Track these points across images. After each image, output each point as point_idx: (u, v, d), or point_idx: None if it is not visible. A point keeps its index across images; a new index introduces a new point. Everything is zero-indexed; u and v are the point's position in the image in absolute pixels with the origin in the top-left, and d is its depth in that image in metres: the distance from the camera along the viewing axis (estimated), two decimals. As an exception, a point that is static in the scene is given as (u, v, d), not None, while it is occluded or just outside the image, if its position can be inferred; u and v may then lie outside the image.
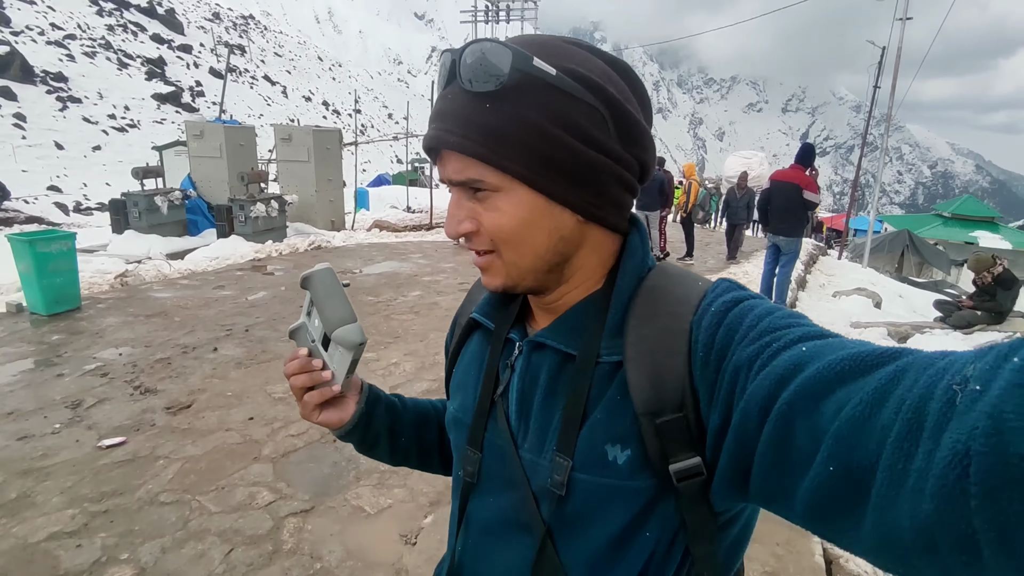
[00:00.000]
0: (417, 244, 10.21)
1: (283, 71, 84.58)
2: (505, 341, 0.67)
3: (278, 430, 3.24)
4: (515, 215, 0.56)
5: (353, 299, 4.56)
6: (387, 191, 18.03)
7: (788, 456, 0.41)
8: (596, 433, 0.56)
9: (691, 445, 0.52)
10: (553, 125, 0.53)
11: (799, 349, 0.44)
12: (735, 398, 0.48)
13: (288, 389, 3.72)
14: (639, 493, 0.54)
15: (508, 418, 0.63)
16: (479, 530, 0.66)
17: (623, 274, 0.60)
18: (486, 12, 25.10)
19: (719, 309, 0.53)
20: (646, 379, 0.54)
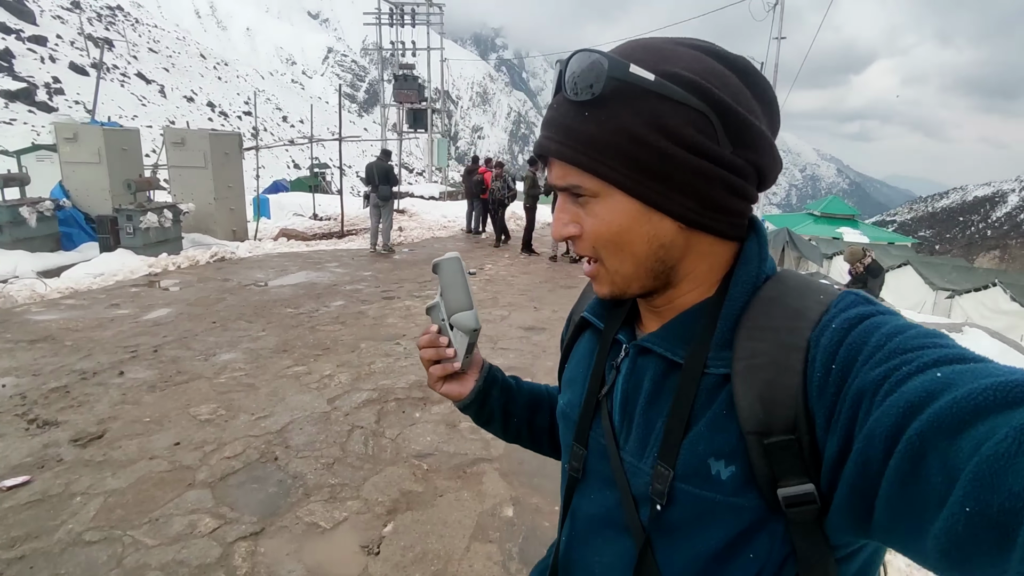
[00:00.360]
0: (331, 252, 9.86)
1: (159, 68, 77.68)
2: (613, 341, 0.67)
3: (211, 453, 3.03)
4: (613, 221, 0.56)
5: (270, 311, 4.39)
6: (288, 198, 17.22)
7: (917, 493, 0.38)
8: (699, 446, 0.54)
9: (804, 470, 0.48)
10: (651, 131, 0.53)
11: (933, 374, 0.41)
12: (857, 425, 0.44)
13: (215, 410, 3.52)
14: (743, 511, 0.52)
15: (612, 419, 0.64)
16: (583, 524, 0.66)
17: (736, 282, 0.57)
18: (390, 15, 24.71)
19: (841, 326, 0.49)
20: (755, 396, 0.51)
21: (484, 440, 3.29)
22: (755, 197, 0.58)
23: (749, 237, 0.60)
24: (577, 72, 0.54)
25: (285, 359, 4.49)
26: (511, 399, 0.86)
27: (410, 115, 24.89)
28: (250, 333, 5.10)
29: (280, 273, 7.84)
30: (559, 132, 0.56)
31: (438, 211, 15.84)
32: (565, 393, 0.74)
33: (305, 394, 3.84)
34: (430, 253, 10.33)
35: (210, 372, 4.15)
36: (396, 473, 2.94)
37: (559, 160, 0.57)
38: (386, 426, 3.44)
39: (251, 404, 3.65)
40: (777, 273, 0.59)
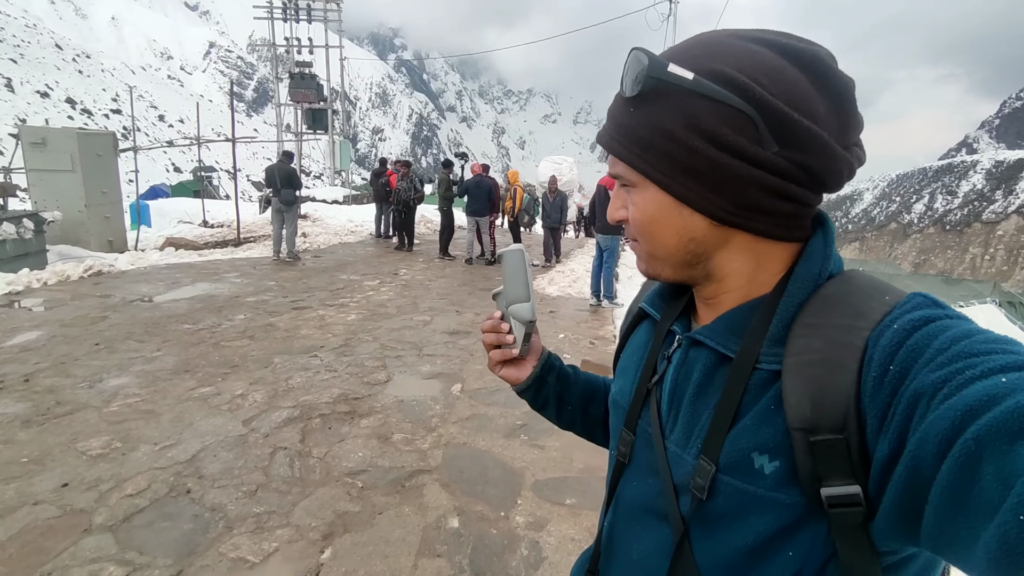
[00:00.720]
0: (229, 262, 9.15)
1: (5, 59, 68.33)
2: (667, 332, 0.69)
3: (108, 492, 2.68)
4: (645, 211, 0.59)
5: (165, 329, 4.01)
6: (170, 204, 15.78)
7: (970, 500, 0.37)
8: (743, 439, 0.54)
9: (850, 471, 0.47)
10: (686, 129, 0.54)
11: (997, 380, 0.39)
12: (911, 427, 0.43)
13: (108, 443, 3.13)
14: (784, 508, 0.51)
15: (659, 408, 0.65)
16: (625, 510, 0.68)
17: (795, 279, 0.56)
18: (283, 9, 23.36)
19: (904, 327, 0.48)
20: (804, 392, 0.50)
21: (420, 451, 3.19)
22: (808, 199, 0.56)
23: (815, 235, 0.59)
24: (626, 70, 0.57)
25: (188, 380, 4.08)
26: (566, 387, 0.88)
27: (308, 115, 23.70)
28: (143, 354, 4.59)
29: (171, 286, 7.14)
30: (610, 124, 0.61)
31: (344, 215, 15.23)
32: (617, 381, 0.76)
33: (216, 417, 3.51)
34: (338, 259, 9.91)
35: (98, 400, 3.68)
36: (328, 494, 2.77)
37: (608, 150, 0.62)
38: (312, 445, 3.23)
39: (153, 433, 3.28)
40: (844, 272, 0.58)
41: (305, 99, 23.05)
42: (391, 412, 3.70)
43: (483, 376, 4.43)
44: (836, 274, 0.57)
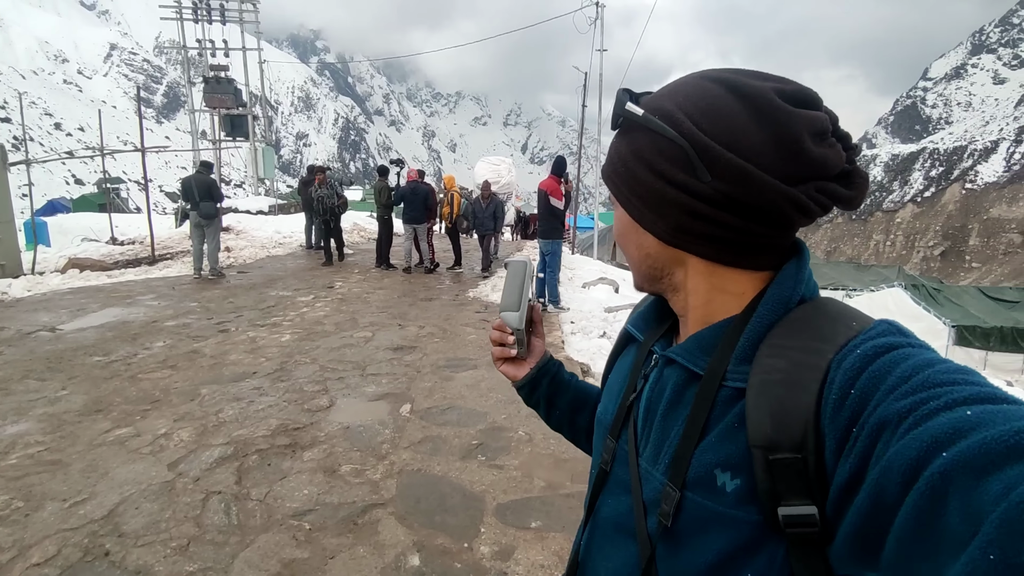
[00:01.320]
0: (143, 283, 8.43)
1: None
2: (649, 352, 0.71)
3: (10, 563, 2.31)
4: (617, 227, 0.70)
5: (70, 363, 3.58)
6: (72, 220, 14.41)
7: (933, 533, 0.37)
8: (708, 455, 0.56)
9: (807, 492, 0.48)
10: (634, 158, 0.62)
11: (962, 412, 0.39)
12: (874, 455, 0.43)
13: (7, 504, 2.73)
14: (744, 526, 0.52)
15: (635, 425, 0.67)
16: (600, 527, 0.70)
17: (765, 301, 0.59)
18: (194, 10, 21.92)
19: (867, 352, 0.49)
20: (765, 411, 0.51)
21: (371, 483, 2.99)
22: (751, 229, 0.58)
23: (789, 261, 0.61)
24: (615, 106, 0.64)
25: (101, 421, 3.66)
26: (557, 393, 0.92)
27: (226, 122, 22.40)
28: (45, 394, 4.08)
29: (76, 314, 6.47)
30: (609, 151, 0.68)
31: (270, 226, 14.50)
32: (603, 400, 0.79)
33: (136, 463, 3.14)
34: (267, 274, 9.38)
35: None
36: (272, 541, 2.52)
37: None
38: (250, 485, 2.95)
39: (61, 487, 2.88)
40: (816, 298, 0.60)
41: (222, 104, 21.72)
42: (336, 441, 3.46)
43: (432, 394, 4.25)
44: (809, 299, 0.60)
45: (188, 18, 21.97)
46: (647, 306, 0.77)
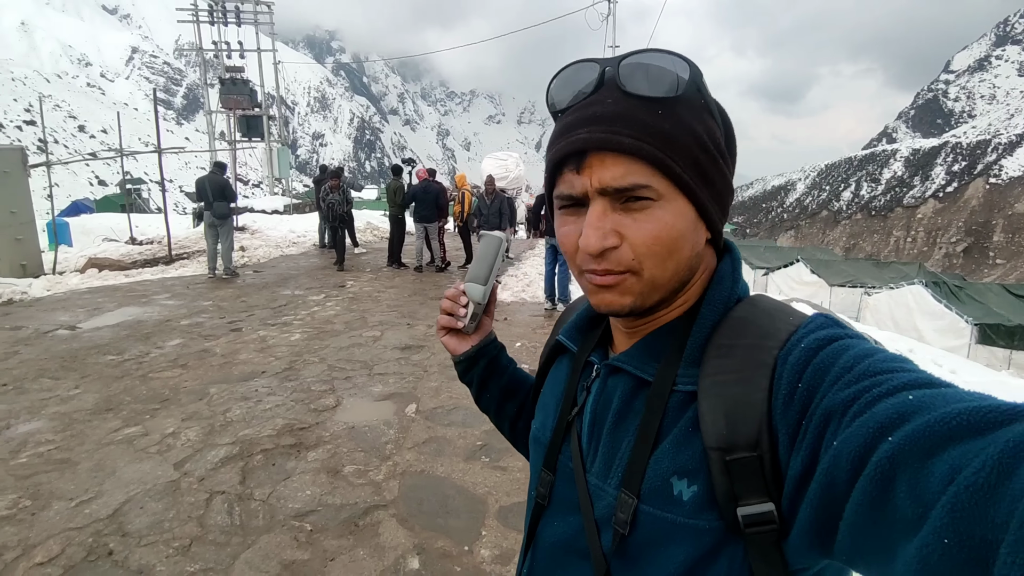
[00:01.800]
0: (159, 282, 8.55)
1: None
2: (586, 363, 0.67)
3: (14, 562, 2.33)
4: (674, 226, 0.54)
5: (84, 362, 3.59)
6: (94, 221, 14.66)
7: (884, 516, 0.38)
8: (663, 463, 0.54)
9: (764, 489, 0.48)
10: (710, 139, 0.55)
11: (904, 397, 0.40)
12: (823, 445, 0.44)
13: (15, 502, 2.76)
14: (704, 534, 0.51)
15: (580, 441, 0.63)
16: (545, 553, 0.66)
17: (708, 301, 0.58)
18: (210, 12, 22.19)
19: (810, 346, 0.50)
20: (719, 412, 0.51)
21: (374, 484, 2.97)
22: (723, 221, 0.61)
23: (724, 260, 0.62)
24: (657, 69, 0.54)
25: (111, 420, 3.70)
26: (493, 376, 0.89)
27: (242, 123, 22.64)
28: (57, 393, 4.14)
29: (93, 313, 6.57)
30: (630, 126, 0.52)
31: (285, 226, 14.61)
32: (538, 417, 0.73)
33: (143, 462, 3.17)
34: (280, 274, 9.45)
35: (3, 451, 3.26)
36: (273, 542, 2.52)
37: (629, 156, 0.53)
38: (254, 486, 2.95)
39: (68, 486, 2.91)
40: (751, 296, 0.61)
41: (237, 105, 21.98)
42: (341, 441, 3.45)
43: (439, 394, 4.23)
44: (743, 297, 0.60)
45: (204, 20, 22.24)
46: (579, 316, 0.72)
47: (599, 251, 0.54)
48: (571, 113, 0.56)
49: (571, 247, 0.57)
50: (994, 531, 0.31)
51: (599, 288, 0.57)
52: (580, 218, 0.56)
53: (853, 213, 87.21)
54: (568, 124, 0.56)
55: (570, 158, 0.55)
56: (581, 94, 0.56)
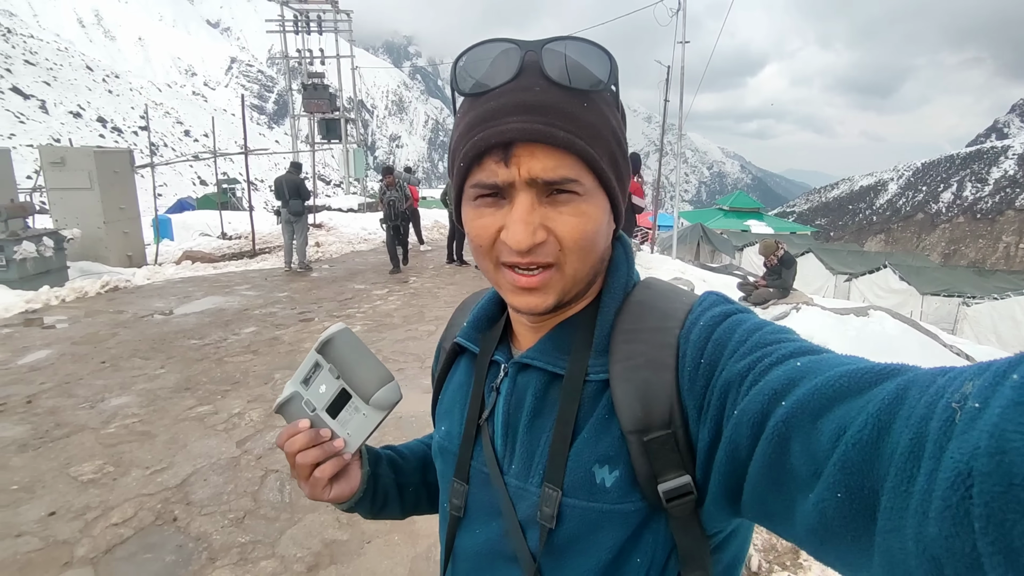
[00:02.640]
0: (241, 274, 9.20)
1: (39, 82, 70.89)
2: (490, 364, 0.65)
3: (94, 521, 2.62)
4: (596, 219, 0.54)
5: (170, 345, 3.89)
6: (193, 217, 16.00)
7: (783, 475, 0.40)
8: (583, 455, 0.54)
9: (680, 464, 0.50)
10: (621, 131, 0.56)
11: (793, 364, 0.43)
12: (725, 414, 0.46)
13: (101, 468, 3.06)
14: (629, 516, 0.52)
15: (493, 443, 0.61)
16: (467, 564, 0.64)
17: (608, 290, 0.59)
18: (295, 22, 23.65)
19: (707, 323, 0.52)
20: (633, 396, 0.52)
21: (414, 471, 3.07)
22: None
23: (616, 247, 0.62)
24: (582, 60, 0.52)
25: (188, 399, 4.04)
26: (399, 469, 0.79)
27: (322, 125, 23.94)
28: (146, 372, 4.57)
29: (183, 300, 7.18)
30: (562, 118, 0.51)
31: (357, 224, 15.29)
32: (441, 425, 0.70)
33: (210, 438, 3.44)
34: (349, 268, 9.90)
35: (97, 422, 3.65)
36: (317, 521, 2.66)
37: (561, 150, 0.51)
38: (305, 466, 3.13)
39: (146, 456, 3.22)
40: (644, 280, 0.62)
41: (319, 109, 23.27)
42: (388, 430, 3.58)
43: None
44: (637, 282, 0.62)
45: (290, 30, 23.71)
46: (476, 316, 0.69)
47: (531, 246, 0.52)
48: (492, 98, 0.52)
49: (488, 240, 0.55)
50: (875, 481, 0.33)
51: (522, 290, 0.55)
52: (499, 211, 0.54)
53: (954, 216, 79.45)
54: (492, 110, 0.52)
55: (496, 148, 0.51)
56: (502, 75, 0.52)
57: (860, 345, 5.30)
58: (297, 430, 0.63)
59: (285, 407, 0.65)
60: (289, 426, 0.64)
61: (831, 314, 5.72)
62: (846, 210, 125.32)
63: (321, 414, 0.64)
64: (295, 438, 0.63)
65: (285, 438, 0.63)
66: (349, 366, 0.63)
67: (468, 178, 0.55)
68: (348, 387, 0.63)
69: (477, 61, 0.54)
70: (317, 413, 0.64)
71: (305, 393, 0.64)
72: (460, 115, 0.56)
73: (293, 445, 0.63)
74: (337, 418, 0.64)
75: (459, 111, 0.57)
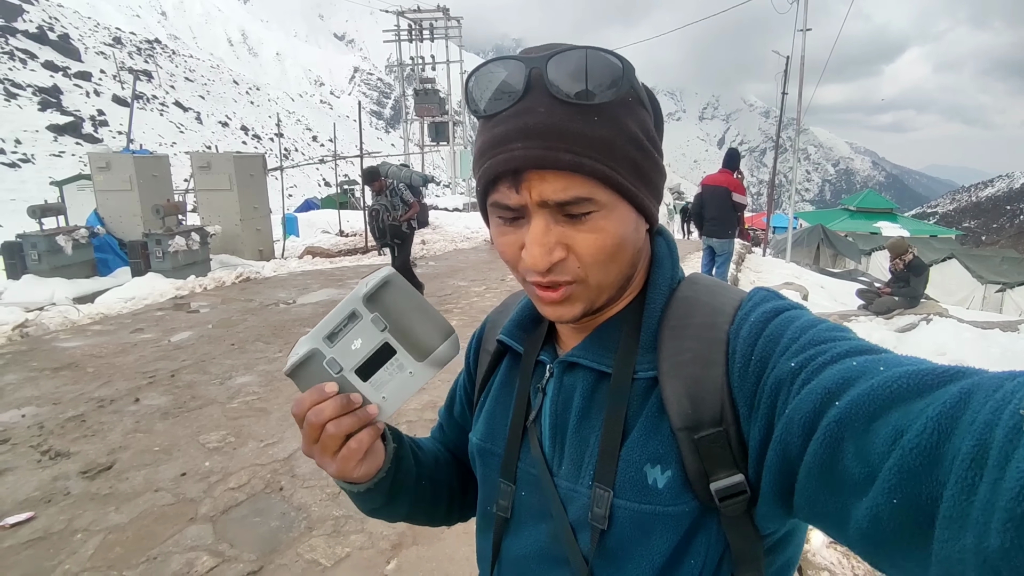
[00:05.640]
0: (354, 269, 9.89)
1: (195, 96, 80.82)
2: (536, 364, 0.64)
3: (215, 484, 2.95)
4: (617, 233, 0.52)
5: (288, 331, 4.24)
6: (317, 216, 17.46)
7: (835, 477, 0.39)
8: (634, 454, 0.53)
9: (733, 462, 0.49)
10: (646, 136, 0.54)
11: (848, 363, 0.42)
12: (776, 412, 0.45)
13: (224, 438, 3.45)
14: (682, 518, 0.51)
15: (542, 445, 0.60)
16: (514, 567, 0.62)
17: (654, 286, 0.59)
18: (409, 31, 25.04)
19: (759, 319, 0.51)
20: (683, 392, 0.51)
21: (496, 465, 3.13)
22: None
23: (658, 242, 0.61)
24: (589, 71, 0.49)
25: (299, 381, 4.42)
26: (417, 457, 0.71)
27: (432, 128, 25.12)
28: (267, 354, 5.07)
29: (302, 291, 7.87)
30: (566, 140, 0.49)
31: (461, 223, 15.84)
32: (480, 428, 0.68)
33: (316, 418, 3.74)
34: (451, 265, 10.28)
35: (223, 397, 4.11)
36: (403, 503, 2.80)
37: (571, 172, 0.49)
38: (396, 451, 3.31)
39: (261, 430, 3.57)
40: (689, 275, 0.61)
41: (429, 113, 24.49)
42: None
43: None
44: (683, 279, 0.60)
45: (405, 39, 25.13)
46: (520, 314, 0.67)
47: (547, 267, 0.51)
48: (500, 122, 0.51)
49: (512, 257, 0.55)
50: (934, 488, 0.32)
51: (546, 303, 0.55)
52: (519, 229, 0.53)
53: None
54: (499, 136, 0.51)
55: (505, 175, 0.51)
56: (507, 97, 0.51)
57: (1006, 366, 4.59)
58: (324, 395, 0.53)
59: (300, 369, 0.54)
60: (312, 390, 0.53)
61: (970, 327, 4.99)
62: (1002, 211, 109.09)
63: (348, 375, 0.54)
64: (322, 405, 0.53)
65: (308, 405, 0.53)
66: (406, 315, 0.53)
67: (487, 197, 0.55)
68: (396, 341, 0.53)
69: (484, 82, 0.53)
70: (344, 375, 0.54)
71: (329, 351, 0.53)
72: (477, 133, 0.56)
73: (321, 414, 0.52)
74: (370, 379, 0.54)
75: (477, 129, 0.57)
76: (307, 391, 0.54)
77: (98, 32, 72.73)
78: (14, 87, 43.39)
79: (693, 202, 6.68)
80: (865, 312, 6.60)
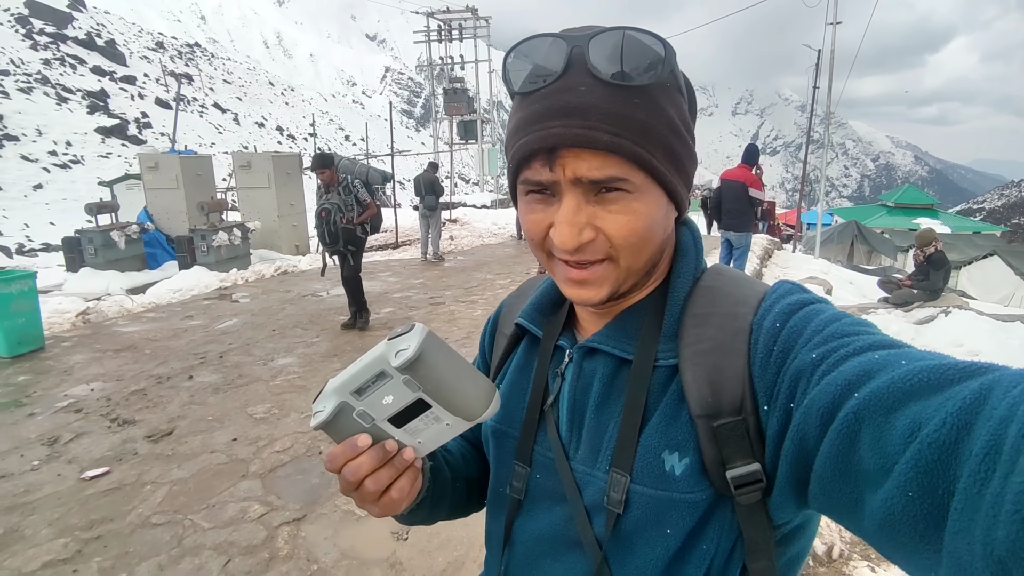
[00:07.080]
0: (384, 263, 10.28)
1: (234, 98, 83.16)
2: (554, 349, 0.64)
3: (263, 448, 3.30)
4: (648, 215, 0.52)
5: (324, 319, 4.63)
6: (350, 212, 17.99)
7: (851, 467, 0.39)
8: (652, 441, 0.53)
9: (750, 451, 0.49)
10: (683, 122, 0.54)
11: (870, 356, 0.42)
12: (795, 402, 0.45)
13: (269, 410, 3.81)
14: (697, 505, 0.52)
15: (558, 429, 0.61)
16: (526, 548, 0.63)
17: (678, 274, 0.59)
18: (439, 31, 25.51)
19: (783, 311, 0.51)
20: (703, 381, 0.51)
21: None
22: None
23: (683, 232, 0.62)
24: (631, 53, 0.49)
25: (335, 363, 4.78)
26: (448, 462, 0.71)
27: (460, 127, 25.53)
28: (305, 340, 5.45)
29: (336, 284, 8.25)
30: (607, 119, 0.49)
31: (488, 219, 16.14)
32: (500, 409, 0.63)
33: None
34: (477, 260, 10.58)
35: (267, 375, 4.48)
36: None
37: (606, 151, 0.49)
38: (423, 424, 3.61)
39: (301, 404, 3.92)
40: (713, 265, 0.62)
41: (458, 111, 24.96)
42: (496, 401, 3.96)
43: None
44: (706, 269, 0.61)
45: (435, 39, 25.60)
46: (540, 298, 0.68)
47: (577, 247, 0.52)
48: (538, 99, 0.51)
49: (539, 234, 0.55)
50: (949, 482, 0.33)
51: (575, 282, 0.55)
52: (549, 206, 0.54)
53: None
54: (537, 113, 0.51)
55: (540, 152, 0.51)
56: (547, 75, 0.50)
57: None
58: (358, 450, 0.50)
59: (336, 423, 0.51)
60: (344, 445, 0.50)
61: (989, 320, 4.99)
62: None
63: (381, 424, 0.51)
64: (358, 462, 0.50)
65: (342, 462, 0.50)
66: (445, 382, 0.49)
67: (519, 175, 0.55)
68: (434, 400, 0.49)
69: (524, 58, 0.53)
70: (376, 424, 0.51)
71: (358, 404, 0.50)
72: (512, 111, 0.55)
73: (358, 471, 0.50)
74: (405, 427, 0.51)
75: (512, 106, 0.56)
76: (339, 446, 0.51)
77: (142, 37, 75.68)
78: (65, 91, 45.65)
79: (712, 195, 6.80)
80: (885, 304, 6.61)
